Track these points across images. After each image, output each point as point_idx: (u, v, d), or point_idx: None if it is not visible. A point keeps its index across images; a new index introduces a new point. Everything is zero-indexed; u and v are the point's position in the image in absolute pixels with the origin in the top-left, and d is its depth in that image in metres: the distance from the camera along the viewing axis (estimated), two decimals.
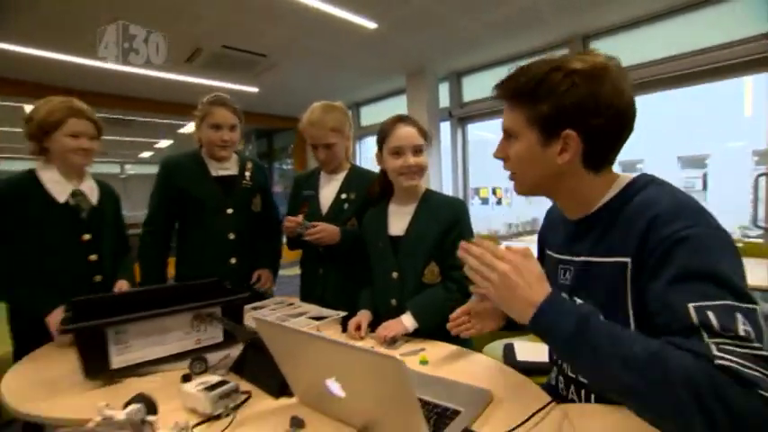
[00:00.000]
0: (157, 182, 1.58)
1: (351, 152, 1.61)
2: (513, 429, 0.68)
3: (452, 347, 1.09)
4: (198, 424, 0.73)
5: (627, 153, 0.79)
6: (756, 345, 0.51)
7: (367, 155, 6.53)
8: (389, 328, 1.14)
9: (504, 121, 0.76)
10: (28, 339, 1.21)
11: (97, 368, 0.91)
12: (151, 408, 0.72)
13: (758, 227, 2.96)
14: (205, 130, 1.53)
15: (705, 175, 15.46)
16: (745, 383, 0.48)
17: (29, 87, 4.67)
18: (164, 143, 9.20)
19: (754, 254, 2.44)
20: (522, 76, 0.71)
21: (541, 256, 0.94)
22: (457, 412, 0.73)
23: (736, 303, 0.54)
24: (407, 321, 1.14)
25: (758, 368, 0.49)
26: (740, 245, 2.56)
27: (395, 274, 1.24)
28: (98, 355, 0.90)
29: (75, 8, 3.11)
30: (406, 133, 1.22)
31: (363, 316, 1.24)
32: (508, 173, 0.80)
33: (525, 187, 0.79)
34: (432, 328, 1.14)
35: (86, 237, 1.33)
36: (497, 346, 1.55)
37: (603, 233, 0.71)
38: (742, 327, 0.52)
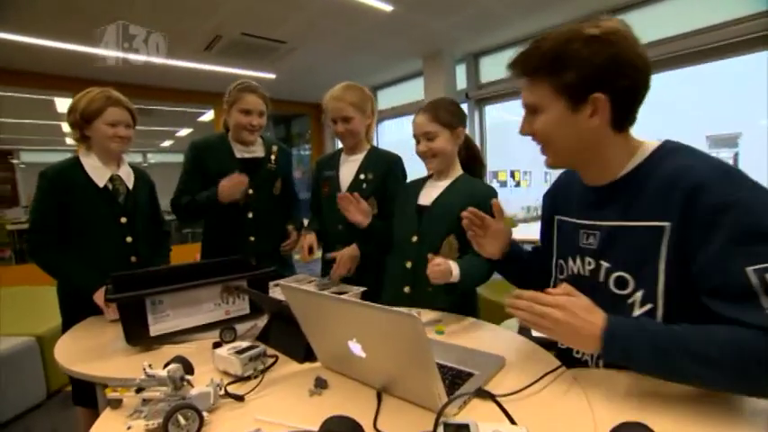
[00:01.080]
0: (186, 162, 1.66)
1: (372, 134, 1.65)
2: (523, 389, 0.72)
3: (468, 319, 1.14)
4: (230, 383, 0.80)
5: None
6: None
7: (384, 138, 6.53)
8: (441, 263, 1.09)
9: (526, 98, 0.79)
10: (75, 315, 1.31)
11: (138, 335, 0.99)
12: (188, 368, 0.79)
13: None
14: (234, 114, 1.59)
15: (736, 155, 14.85)
16: None
17: (49, 80, 4.85)
18: (184, 132, 9.38)
19: None
20: (537, 50, 0.74)
21: (548, 221, 0.97)
22: (471, 374, 0.78)
23: None
24: (455, 268, 1.11)
25: None
26: None
27: (414, 238, 1.30)
28: (138, 324, 0.98)
29: None
30: (417, 121, 1.30)
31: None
32: (538, 149, 0.82)
33: (558, 157, 0.81)
34: (467, 288, 1.21)
35: (123, 219, 1.43)
36: (512, 323, 1.59)
37: (633, 198, 0.74)
38: None
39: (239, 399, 0.74)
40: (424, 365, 0.61)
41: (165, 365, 0.77)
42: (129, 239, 1.44)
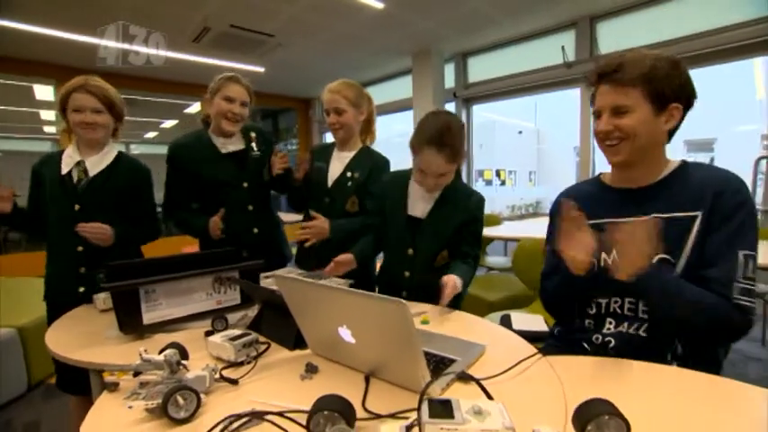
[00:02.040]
0: (169, 169, 1.63)
1: (371, 136, 1.71)
2: (502, 373, 0.77)
3: (452, 311, 1.18)
4: (224, 368, 0.83)
5: None
6: (753, 282, 0.85)
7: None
8: (449, 284, 1.15)
9: (613, 100, 0.93)
10: (60, 307, 1.31)
11: (131, 323, 1.01)
12: (183, 354, 0.82)
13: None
14: (217, 101, 1.56)
15: (712, 160, 15.37)
16: (744, 310, 0.83)
17: (29, 66, 4.74)
18: (169, 123, 9.24)
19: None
20: (635, 63, 0.90)
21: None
22: (453, 360, 0.83)
23: (755, 253, 0.86)
24: (459, 283, 1.18)
25: (750, 298, 0.84)
26: None
27: (410, 251, 1.33)
28: (132, 312, 1.00)
29: None
30: (431, 160, 1.20)
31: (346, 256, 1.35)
32: (609, 145, 0.96)
33: (629, 153, 0.94)
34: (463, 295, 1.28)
35: (77, 207, 1.38)
36: (495, 317, 1.65)
37: (675, 195, 0.92)
38: (751, 270, 0.85)
39: (234, 382, 0.78)
40: (410, 349, 0.66)
41: (161, 351, 0.80)
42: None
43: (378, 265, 1.56)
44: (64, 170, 1.38)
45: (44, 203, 1.40)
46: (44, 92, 6.00)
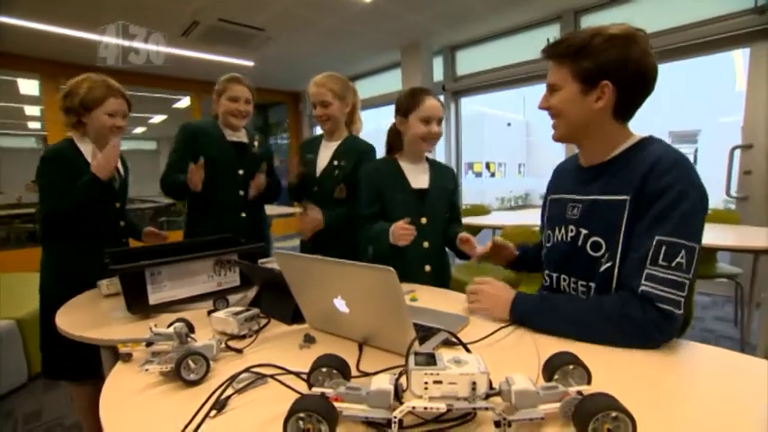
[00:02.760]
0: (179, 141, 1.74)
1: (356, 125, 1.78)
2: (483, 338, 0.86)
3: (438, 290, 1.27)
4: (229, 340, 0.90)
5: None
6: (680, 273, 0.77)
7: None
8: (471, 238, 1.36)
9: (550, 78, 0.94)
10: (57, 299, 1.30)
11: (138, 304, 1.07)
12: (190, 328, 0.89)
13: (730, 197, 3.14)
14: (224, 102, 1.73)
15: (696, 151, 15.67)
16: (651, 300, 0.77)
17: (12, 59, 4.69)
18: (158, 118, 9.17)
19: (728, 220, 2.63)
20: (568, 40, 0.90)
21: (544, 204, 1.16)
22: (439, 330, 0.90)
23: (685, 242, 0.77)
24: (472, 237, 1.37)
25: (669, 289, 0.76)
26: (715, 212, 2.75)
27: (424, 220, 1.43)
28: (139, 293, 1.06)
29: None
30: (434, 105, 1.40)
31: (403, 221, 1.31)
32: (552, 120, 0.98)
33: (563, 131, 0.96)
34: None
35: (117, 204, 1.51)
36: None
37: (612, 177, 0.90)
38: (678, 259, 0.77)
39: (238, 351, 0.85)
40: (399, 314, 0.74)
41: (169, 325, 0.86)
42: (122, 224, 1.53)
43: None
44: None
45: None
46: (29, 86, 5.92)
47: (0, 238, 6.13)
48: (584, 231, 0.93)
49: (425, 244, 1.43)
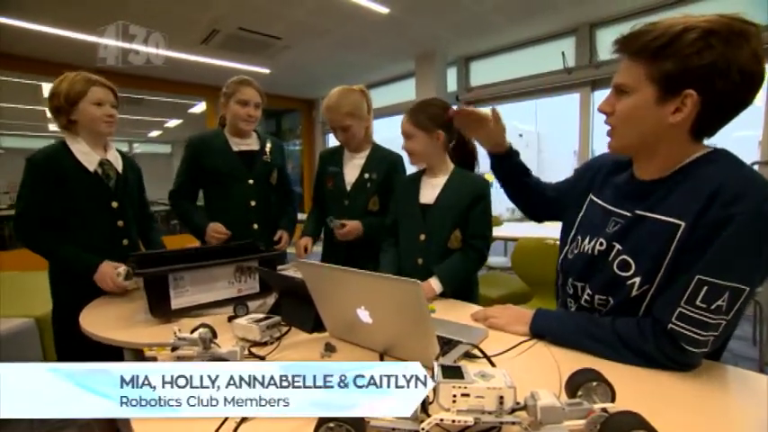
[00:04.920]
0: (185, 158, 1.75)
1: (371, 132, 1.76)
2: (504, 352, 0.86)
3: (458, 302, 1.27)
4: (251, 346, 0.92)
5: None
6: (716, 316, 0.69)
7: (374, 136, 6.66)
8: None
9: (619, 77, 0.78)
10: (68, 299, 1.38)
11: (161, 308, 1.09)
12: (213, 333, 0.91)
13: None
14: (232, 105, 1.69)
15: None
16: (676, 339, 0.72)
17: (38, 64, 4.82)
18: (173, 122, 9.33)
19: None
20: (651, 32, 0.72)
21: (582, 191, 1.00)
22: (459, 342, 0.91)
23: (731, 284, 0.67)
24: (435, 285, 1.28)
25: (700, 330, 0.70)
26: None
27: (422, 237, 1.39)
28: (162, 297, 1.09)
29: None
30: (402, 122, 1.39)
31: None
32: (608, 130, 0.84)
33: (623, 143, 0.82)
34: (453, 292, 1.31)
35: (114, 204, 1.45)
36: None
37: (668, 194, 0.76)
38: (719, 302, 0.68)
39: (261, 358, 0.86)
40: (423, 326, 0.75)
41: (193, 330, 0.88)
42: (120, 223, 1.47)
43: None
44: (90, 167, 1.41)
45: (66, 199, 1.38)
46: None
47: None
48: (617, 247, 0.82)
49: (420, 261, 1.38)
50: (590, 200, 0.97)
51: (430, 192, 1.42)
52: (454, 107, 1.15)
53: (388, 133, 6.35)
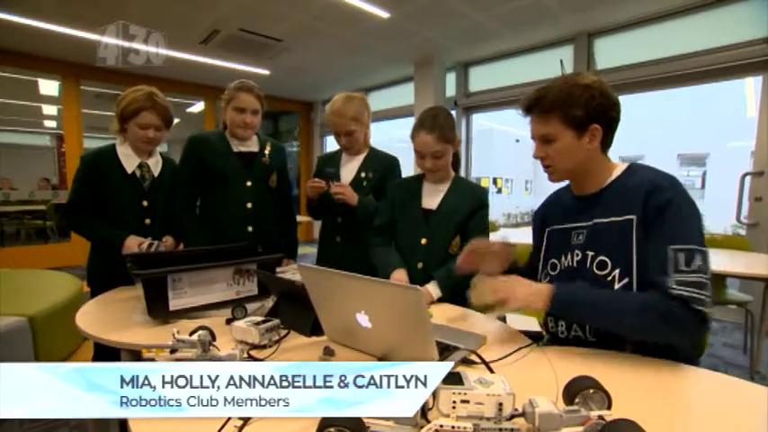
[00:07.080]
0: (184, 155, 1.73)
1: (369, 137, 1.79)
2: (501, 358, 0.87)
3: (455, 307, 1.28)
4: (250, 349, 0.92)
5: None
6: (701, 275, 0.84)
7: (373, 139, 6.68)
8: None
9: (539, 130, 1.02)
10: (102, 282, 1.51)
11: (159, 309, 1.09)
12: (212, 335, 0.91)
13: (741, 223, 3.14)
14: (230, 112, 1.67)
15: (704, 174, 15.62)
16: (686, 302, 0.82)
17: (34, 61, 4.81)
18: None
19: (738, 247, 2.62)
20: (549, 94, 0.98)
21: (540, 233, 1.18)
22: (457, 348, 0.92)
23: (696, 247, 0.85)
24: (433, 290, 1.30)
25: (697, 290, 0.83)
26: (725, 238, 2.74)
27: (423, 241, 1.41)
28: (160, 298, 1.08)
29: None
30: (423, 140, 1.35)
31: (402, 273, 1.34)
32: (545, 166, 1.06)
33: (563, 174, 1.05)
34: (451, 297, 1.32)
35: (145, 203, 1.60)
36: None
37: (612, 201, 0.98)
38: (698, 262, 0.84)
39: (260, 361, 0.86)
40: (422, 332, 0.75)
41: (192, 333, 0.88)
42: (147, 221, 1.60)
43: None
44: (128, 169, 1.59)
45: (104, 195, 1.56)
46: (49, 87, 6.06)
47: (11, 234, 6.21)
48: (590, 253, 0.98)
49: (419, 265, 1.40)
50: (547, 232, 1.14)
51: (433, 197, 1.44)
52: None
53: (388, 135, 6.39)
